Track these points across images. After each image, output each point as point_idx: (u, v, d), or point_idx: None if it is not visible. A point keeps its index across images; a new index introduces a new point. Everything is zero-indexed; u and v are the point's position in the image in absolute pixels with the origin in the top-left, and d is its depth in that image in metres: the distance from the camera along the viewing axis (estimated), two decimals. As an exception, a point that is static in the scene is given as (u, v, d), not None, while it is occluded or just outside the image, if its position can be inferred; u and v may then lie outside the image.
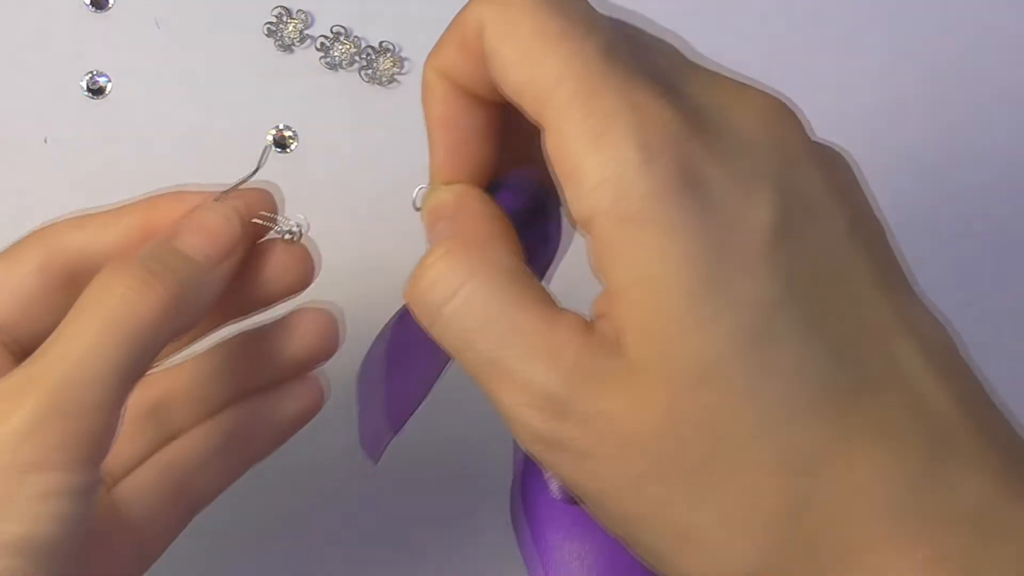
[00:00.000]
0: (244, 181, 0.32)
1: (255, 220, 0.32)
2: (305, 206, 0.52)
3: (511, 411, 0.25)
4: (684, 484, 0.24)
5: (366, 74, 0.52)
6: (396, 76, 0.52)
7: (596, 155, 0.24)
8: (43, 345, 0.29)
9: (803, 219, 0.25)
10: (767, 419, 0.24)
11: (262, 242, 0.33)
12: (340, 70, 0.52)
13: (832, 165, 0.27)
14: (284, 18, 0.52)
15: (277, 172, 0.52)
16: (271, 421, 0.36)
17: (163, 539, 0.35)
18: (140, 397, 0.35)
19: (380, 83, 0.52)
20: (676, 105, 0.25)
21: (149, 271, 0.29)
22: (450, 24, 0.27)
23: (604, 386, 0.24)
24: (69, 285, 0.32)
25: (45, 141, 0.51)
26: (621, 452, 0.24)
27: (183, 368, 0.36)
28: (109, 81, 0.52)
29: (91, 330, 0.28)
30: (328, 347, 0.36)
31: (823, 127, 0.56)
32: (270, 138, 0.32)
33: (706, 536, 0.24)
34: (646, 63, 0.26)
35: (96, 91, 0.52)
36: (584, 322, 0.26)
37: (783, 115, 0.26)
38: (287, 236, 0.32)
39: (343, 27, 0.52)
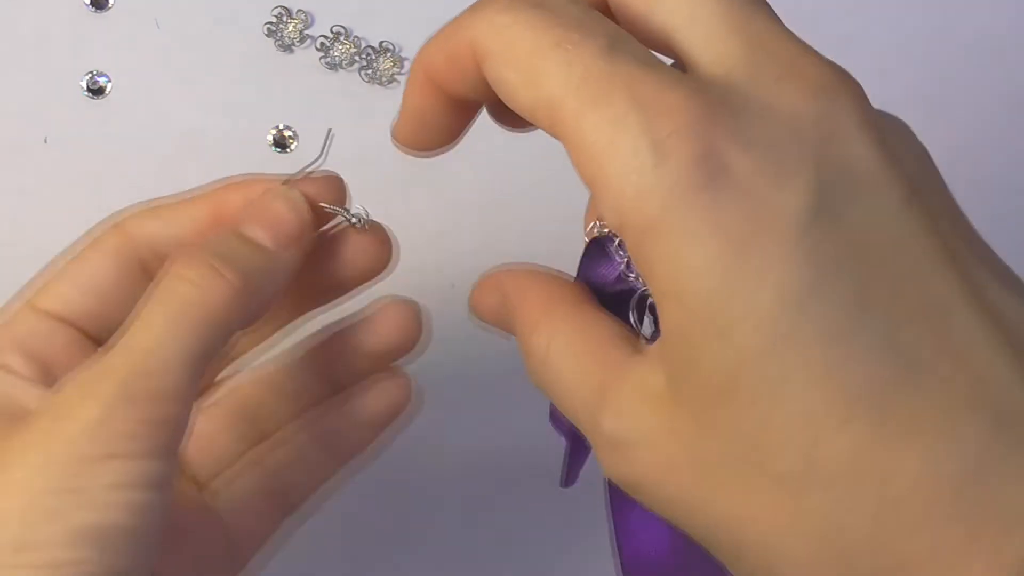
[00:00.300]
0: (310, 167, 0.32)
1: (323, 206, 0.32)
2: (305, 206, 0.52)
3: (595, 441, 0.26)
4: (720, 495, 0.23)
5: (366, 74, 0.52)
6: (396, 76, 0.52)
7: (612, 164, 0.23)
8: (114, 336, 0.29)
9: (847, 196, 0.23)
10: (791, 428, 0.22)
11: (333, 230, 0.33)
12: (340, 70, 0.52)
13: (889, 133, 0.24)
14: (284, 18, 0.52)
15: (277, 172, 0.52)
16: (358, 418, 0.35)
17: (256, 541, 0.35)
18: (230, 396, 0.35)
19: (380, 83, 0.52)
20: (691, 92, 0.23)
21: (216, 260, 0.29)
22: (442, 33, 0.27)
23: (635, 405, 0.24)
24: (145, 274, 0.32)
25: (45, 141, 0.51)
26: (658, 479, 0.24)
27: (271, 366, 0.36)
28: (109, 81, 0.52)
29: (160, 320, 0.28)
30: (411, 338, 0.35)
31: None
32: (331, 128, 0.31)
33: (751, 539, 0.23)
34: (660, 46, 0.25)
35: (96, 91, 0.52)
36: (631, 343, 0.26)
37: (834, 85, 0.24)
38: (353, 222, 0.32)
39: (343, 27, 0.53)
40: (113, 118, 0.52)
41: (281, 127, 0.52)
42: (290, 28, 0.52)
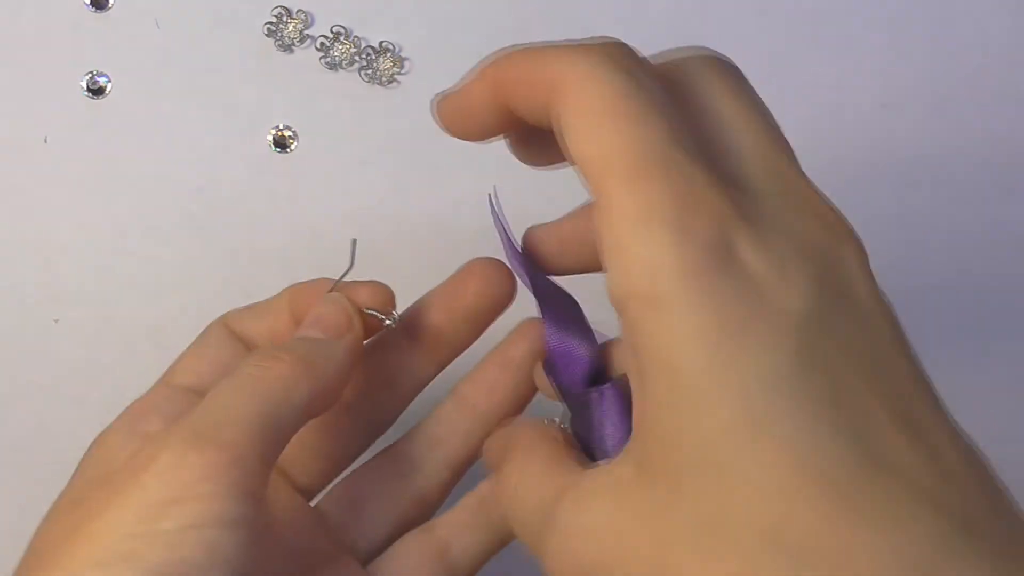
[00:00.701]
0: (343, 276, 0.37)
1: (367, 311, 0.36)
2: (305, 206, 0.52)
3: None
4: (685, 568, 0.24)
5: (366, 74, 0.52)
6: (396, 76, 0.52)
7: (636, 238, 0.25)
8: None
9: (840, 313, 0.25)
10: (759, 502, 0.23)
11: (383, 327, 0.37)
12: (340, 70, 0.52)
13: (886, 304, 0.27)
14: (284, 18, 0.52)
15: (277, 172, 0.52)
16: None
17: None
18: (384, 465, 0.38)
19: (380, 83, 0.52)
20: (724, 191, 0.25)
21: (275, 349, 0.33)
22: (527, 54, 0.29)
23: (596, 494, 0.27)
24: (247, 353, 0.36)
25: (45, 141, 0.51)
26: (620, 557, 0.26)
27: (418, 428, 0.38)
28: (109, 81, 0.52)
29: (227, 390, 0.32)
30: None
31: (823, 127, 0.56)
32: (355, 237, 0.38)
33: None
34: (714, 156, 0.26)
35: (96, 91, 0.52)
36: (588, 464, 0.29)
37: (845, 229, 0.27)
38: (387, 323, 0.36)
39: (343, 27, 0.53)
40: (113, 118, 0.52)
41: (281, 127, 0.52)
42: (290, 28, 0.52)
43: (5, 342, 0.50)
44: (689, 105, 0.28)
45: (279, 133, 0.52)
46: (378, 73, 0.52)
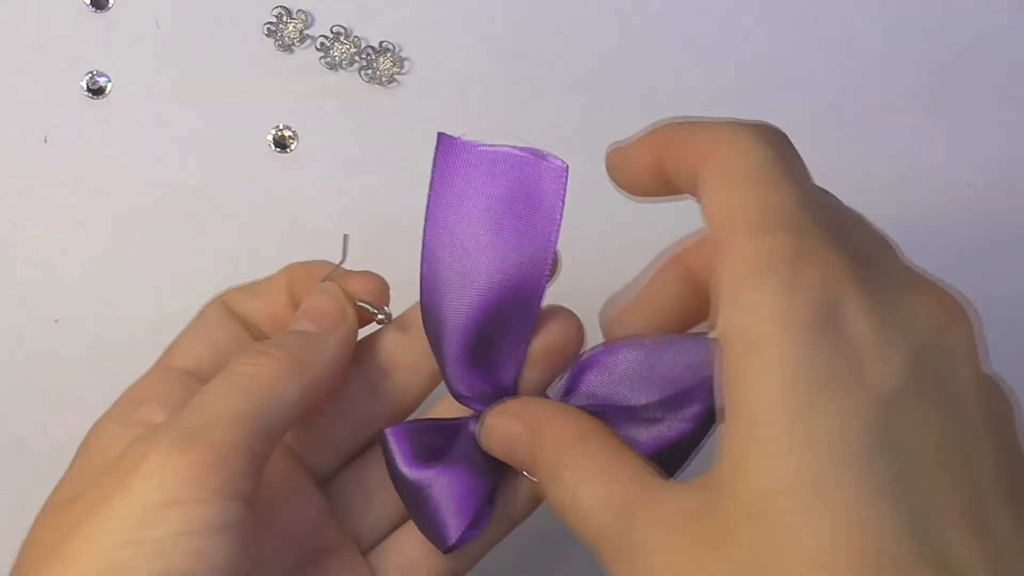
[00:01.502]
0: (336, 268, 0.37)
1: (359, 304, 0.36)
2: (305, 206, 0.52)
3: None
4: None
5: (366, 74, 0.52)
6: (396, 76, 0.52)
7: (749, 283, 0.26)
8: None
9: (932, 396, 0.25)
10: (803, 563, 0.23)
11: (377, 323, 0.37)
12: (340, 70, 0.52)
13: (991, 393, 0.26)
14: (284, 18, 0.52)
15: (277, 172, 0.52)
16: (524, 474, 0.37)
17: None
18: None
19: (380, 83, 0.52)
20: (842, 254, 0.26)
21: (266, 346, 0.33)
22: (683, 125, 0.30)
23: (666, 518, 0.27)
24: (247, 336, 0.37)
25: (45, 141, 0.51)
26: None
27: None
28: (109, 81, 0.52)
29: (217, 390, 0.32)
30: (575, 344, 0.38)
31: (823, 127, 0.56)
32: (347, 233, 0.38)
33: None
34: (840, 233, 0.27)
35: (96, 91, 0.52)
36: (657, 473, 0.29)
37: (958, 310, 0.27)
38: (380, 317, 0.36)
39: (343, 27, 0.53)
40: (113, 118, 0.52)
41: (281, 127, 0.52)
42: (290, 28, 0.52)
43: (5, 342, 0.50)
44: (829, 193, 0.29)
45: (279, 133, 0.52)
46: (378, 73, 0.52)
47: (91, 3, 0.52)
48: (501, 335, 0.34)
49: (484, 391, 0.35)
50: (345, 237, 0.37)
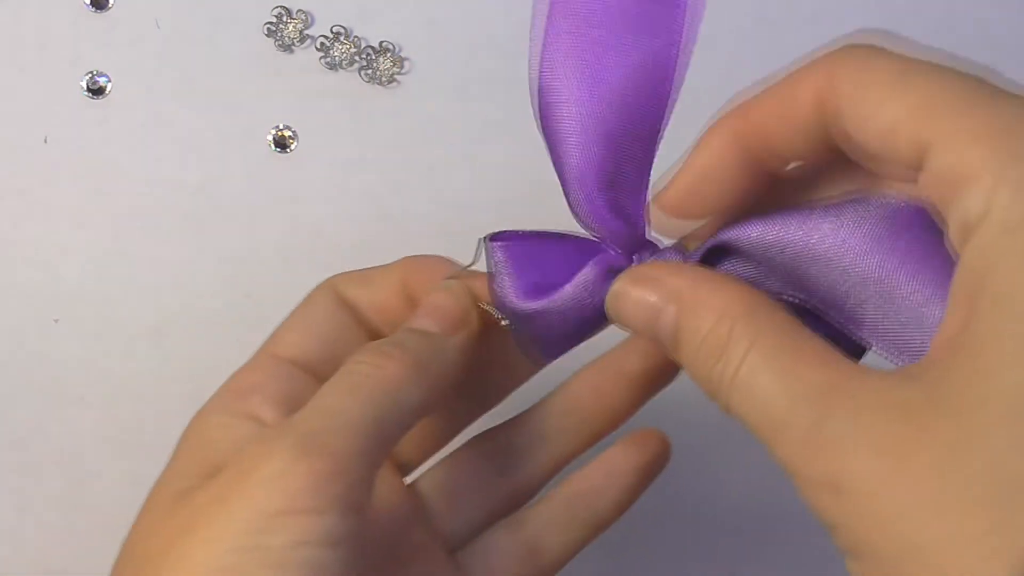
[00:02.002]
0: (468, 267, 0.35)
1: (483, 307, 0.34)
2: (305, 206, 0.52)
3: (789, 460, 0.25)
4: (952, 520, 0.22)
5: (366, 74, 0.52)
6: (396, 76, 0.52)
7: (1003, 161, 0.23)
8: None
9: None
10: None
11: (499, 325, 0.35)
12: (340, 70, 0.52)
13: None
14: (284, 18, 0.52)
15: (277, 172, 0.52)
16: (615, 474, 0.36)
17: None
18: (482, 452, 0.37)
19: (380, 83, 0.52)
20: None
21: (387, 346, 0.32)
22: (770, 88, 0.28)
23: (877, 408, 0.24)
24: (357, 325, 0.35)
25: (45, 141, 0.51)
26: (870, 489, 0.23)
27: (522, 419, 0.37)
28: (109, 81, 0.52)
29: (337, 390, 0.30)
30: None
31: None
32: (481, 237, 0.34)
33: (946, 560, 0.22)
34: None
35: (96, 91, 0.52)
36: (863, 368, 0.25)
37: None
38: (504, 323, 0.34)
39: (343, 27, 0.53)
40: (113, 118, 0.52)
41: (281, 127, 0.52)
42: (290, 28, 0.52)
43: (5, 342, 0.50)
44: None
45: (279, 133, 0.52)
46: (378, 73, 0.52)
47: (91, 3, 0.52)
48: (628, 147, 0.31)
49: (611, 227, 0.32)
50: (480, 241, 0.34)
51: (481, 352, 0.35)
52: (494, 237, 0.33)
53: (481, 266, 0.34)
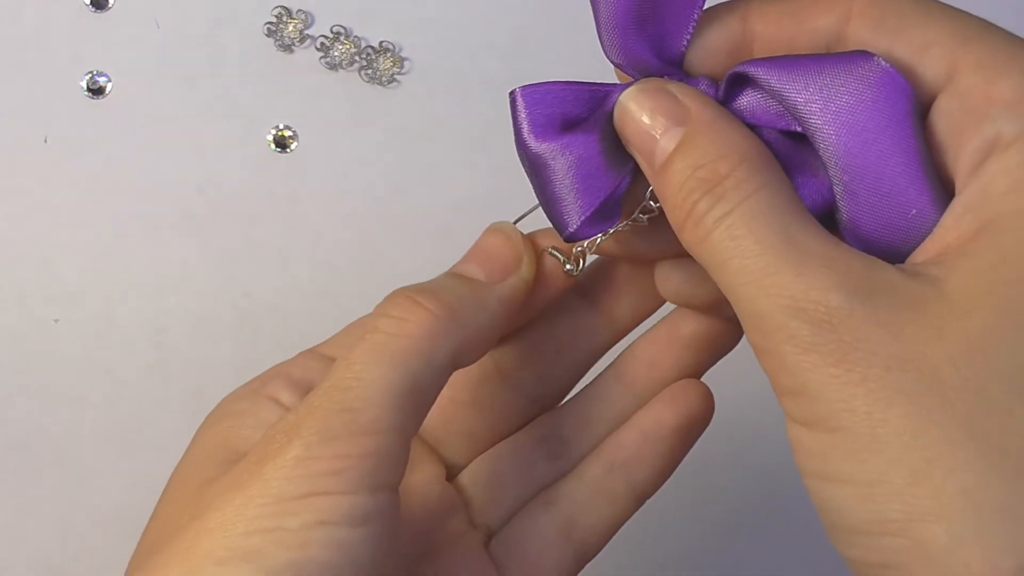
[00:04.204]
0: (529, 212, 0.31)
1: (546, 250, 0.31)
2: (305, 206, 0.52)
3: (772, 317, 0.24)
4: (957, 432, 0.22)
5: (366, 74, 0.52)
6: (396, 76, 0.52)
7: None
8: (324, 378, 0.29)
9: None
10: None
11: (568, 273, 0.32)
12: (340, 70, 0.52)
13: None
14: (284, 18, 0.52)
15: (277, 172, 0.52)
16: (652, 437, 0.33)
17: None
18: (524, 438, 0.34)
19: (380, 83, 0.52)
20: None
21: (418, 294, 0.29)
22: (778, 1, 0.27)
23: (900, 304, 0.23)
24: None
25: (45, 141, 0.51)
26: (902, 365, 0.23)
27: (570, 407, 0.35)
28: (109, 81, 0.52)
29: (360, 356, 0.28)
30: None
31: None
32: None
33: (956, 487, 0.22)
34: None
35: (96, 91, 0.52)
36: (872, 258, 0.25)
37: None
38: (567, 268, 0.31)
39: (343, 27, 0.53)
40: (113, 118, 0.52)
41: (281, 127, 0.52)
42: (290, 28, 0.52)
43: (5, 342, 0.50)
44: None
45: (279, 133, 0.52)
46: (378, 73, 0.52)
47: (91, 3, 0.52)
48: None
49: (645, 62, 0.28)
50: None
51: (534, 338, 0.32)
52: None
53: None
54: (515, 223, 0.31)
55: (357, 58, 0.52)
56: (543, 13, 0.53)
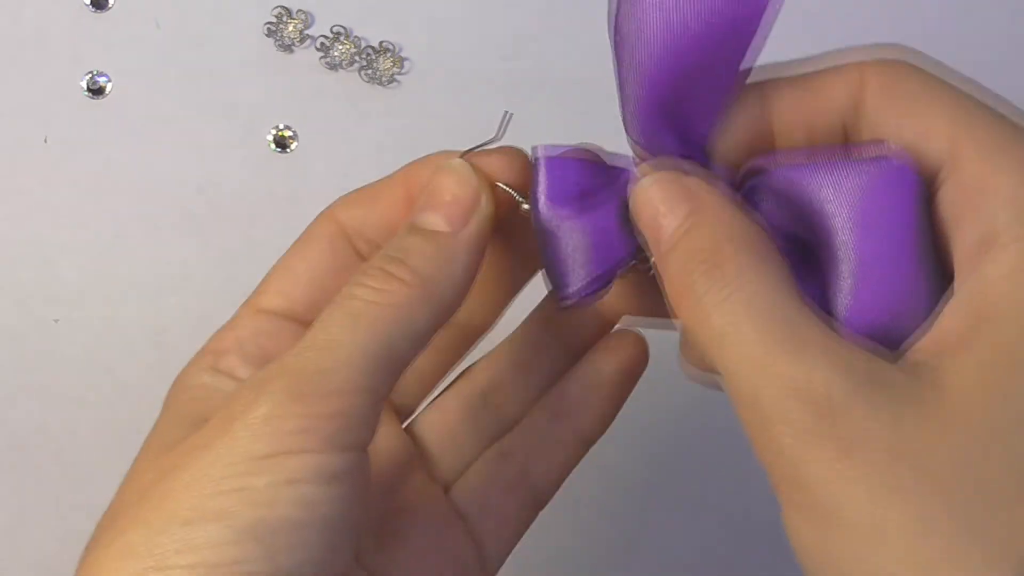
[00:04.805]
0: (485, 144, 0.31)
1: (498, 185, 0.30)
2: (305, 206, 0.52)
3: (772, 403, 0.24)
4: (960, 529, 0.23)
5: (366, 74, 0.52)
6: (396, 76, 0.52)
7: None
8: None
9: None
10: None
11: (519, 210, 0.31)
12: (340, 70, 0.53)
13: None
14: (284, 18, 0.52)
15: (277, 172, 0.52)
16: (593, 385, 0.34)
17: (506, 540, 0.34)
18: (466, 384, 0.35)
19: (380, 83, 0.52)
20: None
21: (389, 264, 0.29)
22: (811, 72, 0.28)
23: (901, 400, 0.24)
24: (358, 261, 0.32)
25: (45, 141, 0.51)
26: (901, 460, 0.23)
27: (502, 350, 0.35)
28: (109, 81, 0.52)
29: (335, 324, 0.28)
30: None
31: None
32: (508, 112, 0.31)
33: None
34: None
35: (96, 91, 0.52)
36: (871, 349, 0.25)
37: None
38: (525, 207, 0.30)
39: (343, 27, 0.53)
40: (113, 118, 0.52)
41: (281, 127, 0.52)
42: (290, 28, 0.52)
43: (5, 342, 0.50)
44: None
45: (279, 133, 0.52)
46: (378, 73, 0.52)
47: (91, 3, 0.52)
48: (700, 77, 0.28)
49: (666, 146, 0.29)
50: (506, 115, 0.31)
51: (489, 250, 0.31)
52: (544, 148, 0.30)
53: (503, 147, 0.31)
54: (463, 156, 0.30)
55: (357, 58, 0.52)
56: (543, 13, 0.53)
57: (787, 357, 0.24)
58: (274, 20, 0.52)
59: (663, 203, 0.27)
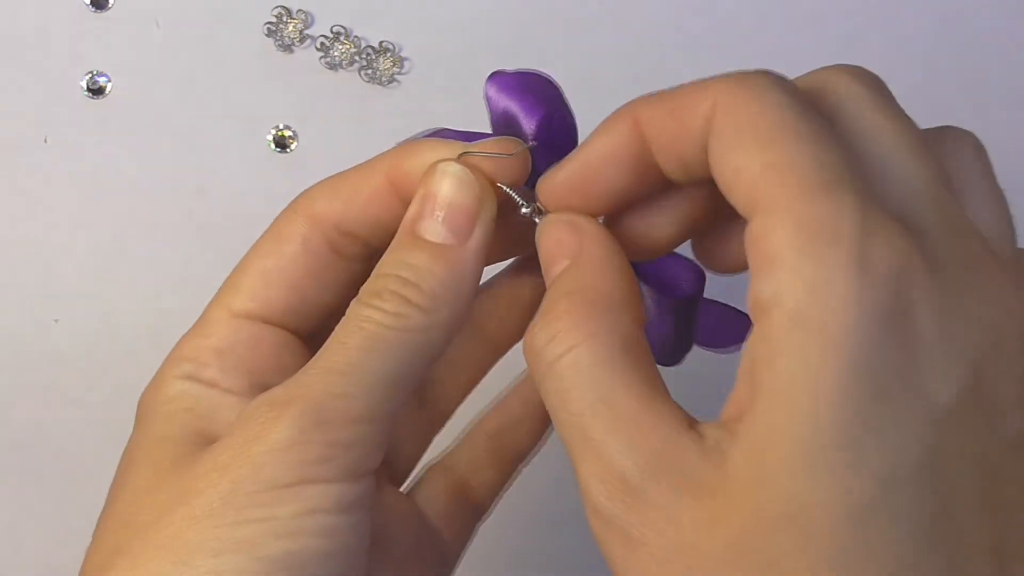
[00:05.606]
0: (481, 142, 0.30)
1: (499, 186, 0.29)
2: (305, 206, 0.52)
3: (583, 480, 0.25)
4: None
5: (366, 74, 0.52)
6: (396, 76, 0.52)
7: (807, 253, 0.23)
8: (307, 364, 0.28)
9: (978, 415, 0.23)
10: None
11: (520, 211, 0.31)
12: (340, 70, 0.53)
13: None
14: (284, 18, 0.52)
15: (277, 172, 0.52)
16: (529, 402, 0.35)
17: (458, 540, 0.34)
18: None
19: (380, 83, 0.52)
20: (904, 226, 0.23)
21: (403, 286, 0.28)
22: (671, 92, 0.27)
23: (684, 487, 0.23)
24: (335, 255, 0.31)
25: (45, 141, 0.51)
26: (675, 557, 0.23)
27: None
28: (109, 81, 0.52)
29: (353, 347, 0.27)
30: None
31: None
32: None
33: None
34: (873, 176, 0.25)
35: (96, 91, 0.52)
36: (685, 418, 0.25)
37: (1016, 304, 0.24)
38: (524, 211, 0.29)
39: (343, 27, 0.53)
40: (113, 118, 0.52)
41: (281, 127, 0.52)
42: (290, 28, 0.52)
43: (5, 342, 0.50)
44: (838, 126, 0.25)
45: (279, 133, 0.52)
46: (378, 73, 0.52)
47: (91, 3, 0.52)
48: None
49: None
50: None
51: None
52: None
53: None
54: (462, 156, 0.30)
55: (357, 58, 0.52)
56: (543, 13, 0.53)
57: (597, 439, 0.24)
58: (274, 20, 0.52)
59: (556, 242, 0.28)
